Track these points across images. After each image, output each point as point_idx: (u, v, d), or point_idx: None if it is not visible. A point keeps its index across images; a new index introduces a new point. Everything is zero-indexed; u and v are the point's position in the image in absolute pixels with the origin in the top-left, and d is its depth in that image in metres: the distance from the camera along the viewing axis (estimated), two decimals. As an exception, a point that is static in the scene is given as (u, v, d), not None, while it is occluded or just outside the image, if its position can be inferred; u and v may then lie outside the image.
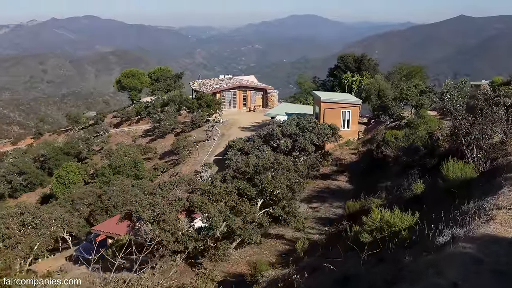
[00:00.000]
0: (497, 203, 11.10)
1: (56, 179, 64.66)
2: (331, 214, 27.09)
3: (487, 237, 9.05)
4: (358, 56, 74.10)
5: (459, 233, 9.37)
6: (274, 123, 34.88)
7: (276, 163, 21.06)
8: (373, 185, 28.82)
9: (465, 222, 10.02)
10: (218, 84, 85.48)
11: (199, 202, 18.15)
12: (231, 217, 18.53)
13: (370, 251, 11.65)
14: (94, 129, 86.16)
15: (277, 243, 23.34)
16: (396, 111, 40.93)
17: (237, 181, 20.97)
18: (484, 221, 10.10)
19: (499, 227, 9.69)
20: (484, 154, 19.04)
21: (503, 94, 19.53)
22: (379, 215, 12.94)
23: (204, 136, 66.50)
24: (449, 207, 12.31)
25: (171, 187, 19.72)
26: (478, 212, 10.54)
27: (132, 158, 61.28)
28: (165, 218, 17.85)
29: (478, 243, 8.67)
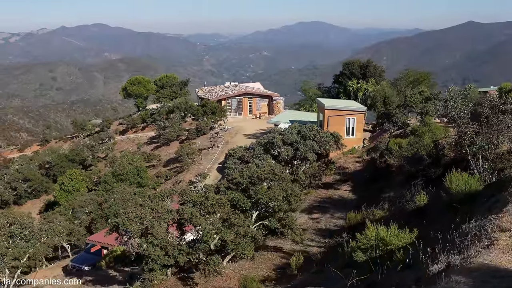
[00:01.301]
0: (501, 224, 10.04)
1: (60, 186, 64.31)
2: (332, 226, 26.14)
3: (485, 269, 8.02)
4: (363, 62, 73.11)
5: (455, 260, 8.39)
6: (275, 131, 34.02)
7: (272, 173, 20.19)
8: (377, 195, 27.92)
9: (463, 246, 9.05)
10: (224, 91, 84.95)
11: (189, 215, 17.33)
12: (223, 230, 17.69)
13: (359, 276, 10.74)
14: (100, 136, 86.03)
15: (274, 256, 22.43)
16: (400, 118, 39.92)
17: (230, 192, 20.16)
18: (484, 246, 9.06)
19: (501, 255, 8.65)
20: (490, 165, 18.05)
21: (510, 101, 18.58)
22: (374, 232, 12.02)
23: (208, 143, 66.02)
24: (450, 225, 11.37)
25: (161, 198, 18.94)
26: (479, 235, 9.52)
27: (135, 165, 60.68)
28: (153, 231, 17.05)
29: (475, 277, 7.61)
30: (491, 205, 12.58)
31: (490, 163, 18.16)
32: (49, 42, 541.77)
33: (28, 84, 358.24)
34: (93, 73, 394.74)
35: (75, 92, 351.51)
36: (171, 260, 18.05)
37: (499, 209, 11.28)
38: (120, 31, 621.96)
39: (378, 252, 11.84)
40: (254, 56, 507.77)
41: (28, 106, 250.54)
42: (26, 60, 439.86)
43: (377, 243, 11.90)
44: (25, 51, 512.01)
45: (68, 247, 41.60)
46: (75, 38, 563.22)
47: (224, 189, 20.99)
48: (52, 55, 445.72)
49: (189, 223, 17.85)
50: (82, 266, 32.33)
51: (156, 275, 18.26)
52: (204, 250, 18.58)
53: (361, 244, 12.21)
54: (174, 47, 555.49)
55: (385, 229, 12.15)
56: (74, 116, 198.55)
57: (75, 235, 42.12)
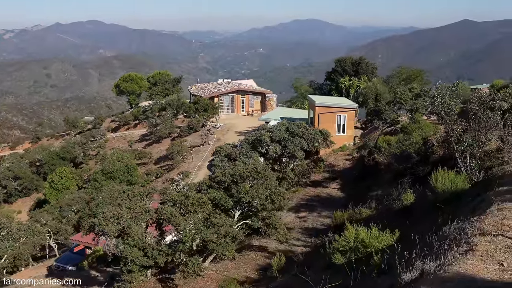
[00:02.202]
0: (482, 227, 9.45)
1: (49, 184, 63.63)
2: (318, 225, 25.64)
3: (460, 278, 7.37)
4: (356, 59, 72.48)
5: (429, 268, 7.82)
6: (264, 128, 33.45)
7: (254, 171, 19.62)
8: (365, 194, 27.47)
9: (441, 251, 8.49)
10: (216, 88, 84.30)
11: (168, 214, 16.76)
12: (203, 230, 17.11)
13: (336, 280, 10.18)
14: (91, 134, 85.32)
15: (259, 256, 21.89)
16: (390, 115, 39.41)
17: (212, 191, 19.59)
18: (463, 251, 8.44)
19: (478, 263, 8.00)
20: (477, 163, 17.53)
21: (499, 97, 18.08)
22: (354, 233, 11.47)
23: (200, 141, 65.49)
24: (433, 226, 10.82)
25: (140, 197, 18.35)
26: (459, 238, 8.94)
27: (125, 163, 60.07)
28: (130, 232, 16.47)
29: (448, 287, 7.09)
30: (476, 206, 12.07)
31: (477, 161, 17.64)
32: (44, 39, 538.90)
33: (22, 81, 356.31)
34: (88, 70, 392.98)
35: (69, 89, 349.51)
36: (150, 261, 17.50)
37: (483, 210, 10.75)
38: (115, 28, 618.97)
39: (358, 254, 11.31)
40: (250, 53, 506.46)
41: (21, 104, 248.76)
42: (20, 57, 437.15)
43: (357, 245, 11.36)
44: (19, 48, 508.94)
45: (55, 246, 41.01)
46: (70, 35, 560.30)
47: (205, 187, 20.42)
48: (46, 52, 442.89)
49: (168, 223, 17.27)
50: (66, 266, 31.74)
51: (135, 277, 17.69)
52: (185, 250, 18.02)
53: (340, 246, 11.66)
54: (169, 44, 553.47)
55: (365, 230, 11.62)
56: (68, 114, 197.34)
57: (62, 234, 41.50)
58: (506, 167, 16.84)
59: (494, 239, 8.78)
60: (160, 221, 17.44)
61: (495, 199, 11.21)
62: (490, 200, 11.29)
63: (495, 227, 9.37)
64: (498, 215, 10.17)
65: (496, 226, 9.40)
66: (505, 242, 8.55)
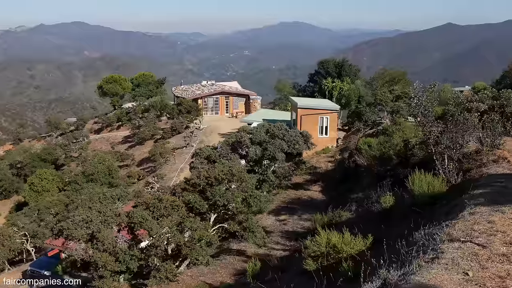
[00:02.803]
0: (452, 232, 9.10)
1: (29, 186, 62.46)
2: (299, 228, 25.29)
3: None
4: (339, 61, 72.38)
5: (392, 277, 7.44)
6: (244, 130, 33.03)
7: (230, 174, 19.18)
8: (346, 196, 27.19)
9: (408, 258, 8.13)
10: (200, 90, 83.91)
11: (139, 218, 16.26)
12: (176, 234, 16.63)
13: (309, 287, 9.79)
14: (73, 135, 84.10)
15: (236, 260, 21.49)
16: (370, 117, 39.21)
17: (186, 194, 19.11)
18: (429, 259, 8.04)
19: (442, 273, 7.51)
20: (455, 165, 17.30)
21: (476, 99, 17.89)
22: (326, 238, 11.09)
23: (183, 142, 64.96)
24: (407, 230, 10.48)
25: (111, 200, 17.81)
26: (427, 244, 8.59)
27: (107, 165, 59.26)
28: (99, 236, 15.94)
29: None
30: (450, 210, 11.80)
31: (455, 163, 17.40)
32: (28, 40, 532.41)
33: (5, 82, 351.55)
34: (72, 71, 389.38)
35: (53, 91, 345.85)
36: (122, 266, 16.98)
37: (456, 215, 10.46)
38: (100, 30, 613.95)
39: (330, 260, 10.93)
40: (235, 55, 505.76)
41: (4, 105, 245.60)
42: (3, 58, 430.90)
43: (328, 250, 10.98)
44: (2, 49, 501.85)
45: (33, 250, 40.15)
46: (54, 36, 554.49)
47: (180, 190, 19.93)
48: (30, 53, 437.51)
49: (139, 227, 16.76)
50: (41, 270, 30.92)
51: (106, 282, 17.15)
52: (159, 255, 17.53)
53: (311, 252, 11.27)
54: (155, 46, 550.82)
55: (337, 235, 11.24)
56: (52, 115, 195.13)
57: (40, 238, 40.61)
58: (483, 169, 16.65)
59: (462, 245, 8.42)
60: (131, 225, 16.94)
61: (469, 203, 10.93)
62: (464, 204, 11.01)
63: (465, 233, 9.04)
64: (470, 220, 9.89)
65: (466, 231, 9.07)
66: (473, 249, 8.22)
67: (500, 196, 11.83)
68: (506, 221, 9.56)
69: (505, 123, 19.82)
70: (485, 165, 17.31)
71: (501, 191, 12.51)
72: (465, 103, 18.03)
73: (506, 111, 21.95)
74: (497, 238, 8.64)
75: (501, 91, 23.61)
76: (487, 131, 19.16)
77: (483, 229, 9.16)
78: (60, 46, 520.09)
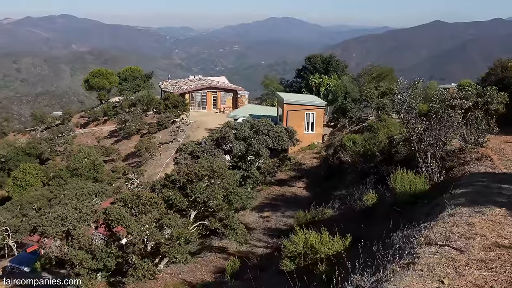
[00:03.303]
0: (429, 235, 8.68)
1: (13, 181, 61.59)
2: (281, 225, 25.02)
3: None
4: (326, 57, 72.00)
5: (365, 284, 7.09)
6: (228, 125, 32.64)
7: (210, 170, 18.82)
8: (330, 193, 26.93)
9: (383, 263, 7.78)
10: (188, 85, 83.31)
11: (116, 215, 15.85)
12: (154, 232, 16.26)
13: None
14: (59, 129, 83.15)
15: (218, 257, 21.17)
16: (355, 113, 38.97)
17: (166, 190, 18.73)
18: (404, 264, 7.62)
19: (416, 280, 7.07)
20: (438, 163, 17.07)
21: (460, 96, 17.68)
22: (303, 238, 10.78)
23: (169, 137, 64.50)
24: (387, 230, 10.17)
25: (88, 196, 17.38)
26: (404, 248, 8.24)
27: (92, 160, 58.59)
28: (75, 233, 15.53)
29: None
30: (430, 210, 11.48)
31: (438, 161, 17.18)
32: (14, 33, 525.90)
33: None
34: (60, 65, 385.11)
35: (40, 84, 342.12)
36: (99, 264, 16.57)
37: (435, 215, 10.14)
38: (87, 23, 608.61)
39: (307, 260, 10.62)
40: (224, 50, 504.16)
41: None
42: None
43: (306, 250, 10.67)
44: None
45: (14, 246, 39.55)
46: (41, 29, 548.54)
47: (160, 187, 19.54)
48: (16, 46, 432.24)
49: (116, 224, 16.35)
50: (21, 266, 30.41)
51: (83, 280, 16.74)
52: (137, 252, 17.14)
53: (288, 252, 10.97)
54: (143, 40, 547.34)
55: (315, 234, 10.93)
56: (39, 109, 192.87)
57: (22, 233, 39.98)
58: (466, 168, 16.45)
59: (440, 250, 8.02)
60: (108, 222, 16.53)
61: (449, 203, 10.62)
62: (444, 204, 10.71)
63: (443, 236, 8.64)
64: (449, 222, 9.53)
65: (444, 234, 8.70)
66: (450, 254, 7.83)
67: (480, 196, 11.55)
68: (486, 223, 9.25)
69: (489, 121, 19.66)
70: (468, 164, 17.13)
71: (482, 191, 12.25)
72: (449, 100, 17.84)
73: (490, 108, 21.84)
74: (476, 242, 8.31)
75: (485, 88, 23.48)
76: (470, 128, 19.00)
77: (462, 232, 8.81)
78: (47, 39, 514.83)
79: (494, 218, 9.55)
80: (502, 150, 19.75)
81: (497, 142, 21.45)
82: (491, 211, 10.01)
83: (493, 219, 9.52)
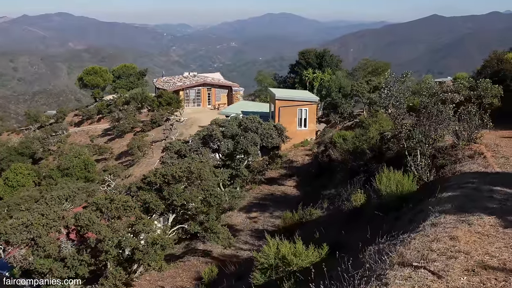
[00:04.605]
0: (405, 253, 7.28)
1: (4, 181, 60.69)
2: (269, 226, 24.08)
3: None
4: (320, 51, 70.76)
5: None
6: (216, 123, 31.66)
7: (188, 171, 17.85)
8: (320, 192, 25.98)
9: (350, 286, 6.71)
10: (182, 82, 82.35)
11: (86, 221, 14.91)
12: (127, 238, 15.30)
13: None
14: (52, 128, 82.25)
15: (200, 262, 20.23)
16: (346, 109, 37.97)
17: (142, 193, 17.78)
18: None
19: None
20: (427, 161, 16.09)
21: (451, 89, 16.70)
22: (275, 248, 9.83)
23: (163, 135, 63.63)
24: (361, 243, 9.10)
25: (58, 201, 16.43)
26: (373, 268, 7.11)
27: (83, 159, 57.70)
28: (40, 241, 14.57)
29: None
30: (414, 216, 10.35)
31: (428, 159, 16.19)
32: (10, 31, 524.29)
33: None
34: (57, 63, 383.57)
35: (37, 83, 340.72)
36: (70, 272, 15.61)
37: (417, 225, 9.00)
38: (84, 21, 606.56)
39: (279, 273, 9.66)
40: (222, 47, 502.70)
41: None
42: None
43: (277, 262, 9.71)
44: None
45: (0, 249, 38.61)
46: (38, 27, 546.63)
47: (136, 189, 18.57)
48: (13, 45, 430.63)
49: (86, 230, 15.40)
50: (3, 271, 29.41)
51: (54, 289, 15.78)
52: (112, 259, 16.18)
53: (259, 264, 10.02)
54: (141, 37, 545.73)
55: (288, 244, 9.96)
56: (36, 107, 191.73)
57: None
58: (457, 167, 15.43)
59: (414, 274, 6.54)
60: (78, 228, 15.58)
61: (433, 210, 9.49)
62: (428, 210, 9.61)
63: (420, 254, 7.25)
64: (429, 235, 8.21)
65: (422, 251, 7.34)
66: (425, 281, 6.32)
67: (469, 201, 10.43)
68: (472, 237, 7.96)
69: (482, 115, 18.67)
70: (460, 161, 16.14)
71: (472, 194, 11.15)
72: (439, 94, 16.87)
73: (484, 102, 20.87)
74: (458, 263, 6.90)
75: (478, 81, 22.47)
76: (463, 124, 18.02)
77: (443, 248, 7.47)
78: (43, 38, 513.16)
79: (482, 230, 8.34)
80: (496, 146, 18.78)
81: (491, 138, 20.50)
82: (479, 220, 8.84)
83: (481, 230, 8.31)
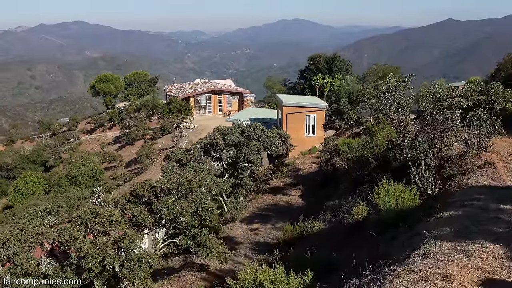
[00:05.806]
0: None
1: (14, 189, 60.67)
2: (270, 238, 23.06)
3: None
4: (329, 56, 69.68)
5: None
6: (218, 131, 30.77)
7: (177, 184, 16.93)
8: (323, 203, 24.86)
9: None
10: (193, 88, 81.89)
11: (66, 237, 14.08)
12: (110, 255, 14.41)
13: None
14: (64, 136, 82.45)
15: (196, 277, 19.26)
16: (352, 115, 36.76)
17: (130, 206, 16.91)
18: None
19: None
20: (432, 172, 14.90)
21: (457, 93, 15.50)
22: (252, 274, 8.86)
23: (172, 143, 63.09)
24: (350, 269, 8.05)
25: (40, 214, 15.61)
26: None
27: (91, 167, 57.32)
28: (16, 259, 13.75)
29: None
30: (409, 240, 9.16)
31: (432, 170, 15.01)
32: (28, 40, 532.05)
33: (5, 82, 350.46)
34: (73, 71, 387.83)
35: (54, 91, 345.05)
36: (54, 292, 14.74)
37: (408, 254, 7.73)
38: (100, 29, 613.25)
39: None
40: (236, 53, 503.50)
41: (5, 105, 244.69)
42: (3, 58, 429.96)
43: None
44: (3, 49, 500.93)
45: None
46: (54, 35, 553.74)
47: (124, 202, 17.70)
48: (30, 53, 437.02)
49: (67, 247, 14.55)
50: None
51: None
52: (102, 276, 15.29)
53: (235, 291, 9.05)
54: (156, 44, 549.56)
55: (267, 271, 8.95)
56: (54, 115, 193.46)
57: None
58: (464, 179, 14.17)
59: None
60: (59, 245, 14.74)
61: (429, 234, 8.22)
62: (423, 235, 8.34)
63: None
64: (417, 270, 6.85)
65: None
66: None
67: (472, 223, 9.05)
68: (469, 275, 6.54)
69: (494, 122, 17.41)
70: (469, 172, 14.87)
71: (476, 214, 9.77)
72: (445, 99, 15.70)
73: (496, 107, 19.58)
74: None
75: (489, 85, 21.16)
76: (473, 131, 16.81)
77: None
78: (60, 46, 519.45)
79: (482, 264, 6.94)
80: (509, 155, 17.46)
81: (505, 145, 19.20)
82: (481, 251, 7.47)
83: (482, 265, 6.90)
